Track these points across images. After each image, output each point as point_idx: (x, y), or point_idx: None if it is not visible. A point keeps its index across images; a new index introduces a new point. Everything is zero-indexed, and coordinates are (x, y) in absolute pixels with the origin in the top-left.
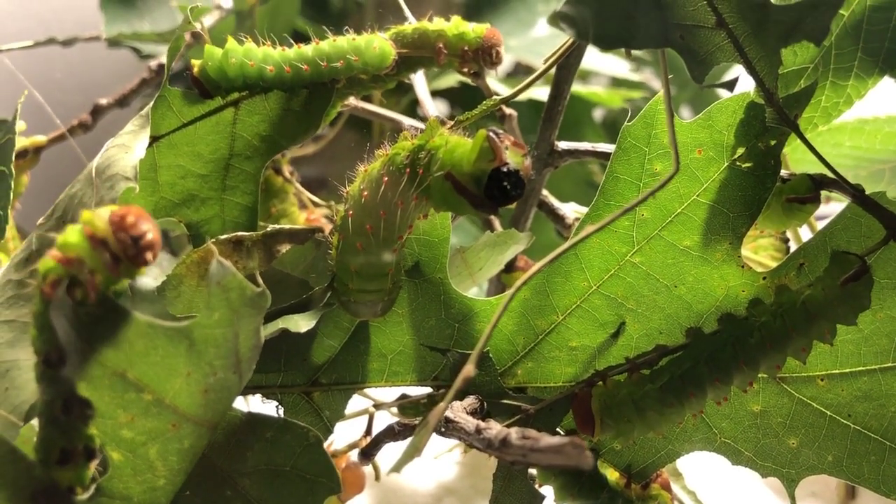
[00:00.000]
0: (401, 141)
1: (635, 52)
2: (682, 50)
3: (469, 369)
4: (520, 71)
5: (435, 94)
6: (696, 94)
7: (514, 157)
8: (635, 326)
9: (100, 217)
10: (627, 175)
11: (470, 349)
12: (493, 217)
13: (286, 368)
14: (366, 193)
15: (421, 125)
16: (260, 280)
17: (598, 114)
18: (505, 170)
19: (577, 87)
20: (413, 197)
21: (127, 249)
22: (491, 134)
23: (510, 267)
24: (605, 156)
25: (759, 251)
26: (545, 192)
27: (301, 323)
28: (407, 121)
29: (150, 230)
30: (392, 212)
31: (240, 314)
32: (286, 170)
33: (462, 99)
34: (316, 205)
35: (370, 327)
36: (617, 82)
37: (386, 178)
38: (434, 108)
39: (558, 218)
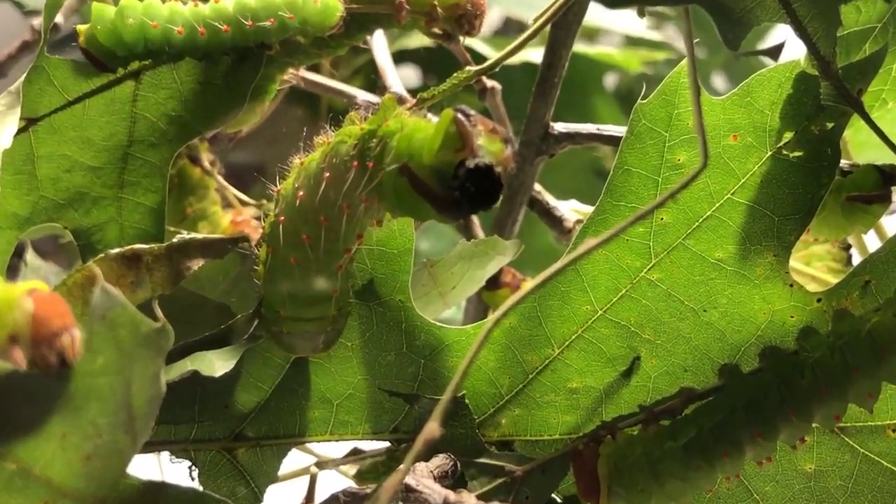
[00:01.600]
0: (347, 125)
1: (652, 8)
2: (711, 6)
3: (432, 427)
4: (511, 28)
5: (402, 56)
6: (731, 61)
7: (488, 146)
8: (653, 363)
9: (21, 314)
10: (642, 168)
11: (439, 392)
12: (471, 219)
13: (202, 418)
14: (301, 194)
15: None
16: (159, 311)
17: (610, 80)
18: (475, 164)
19: (583, 48)
20: (362, 198)
21: (46, 364)
22: (458, 115)
23: (493, 284)
24: (614, 141)
25: (813, 263)
26: (538, 186)
27: (217, 363)
28: (362, 95)
29: (69, 345)
30: (336, 217)
31: (132, 357)
32: (205, 158)
33: (439, 63)
34: (244, 203)
35: (310, 365)
36: (633, 41)
37: (327, 174)
38: (397, 78)
39: (555, 220)
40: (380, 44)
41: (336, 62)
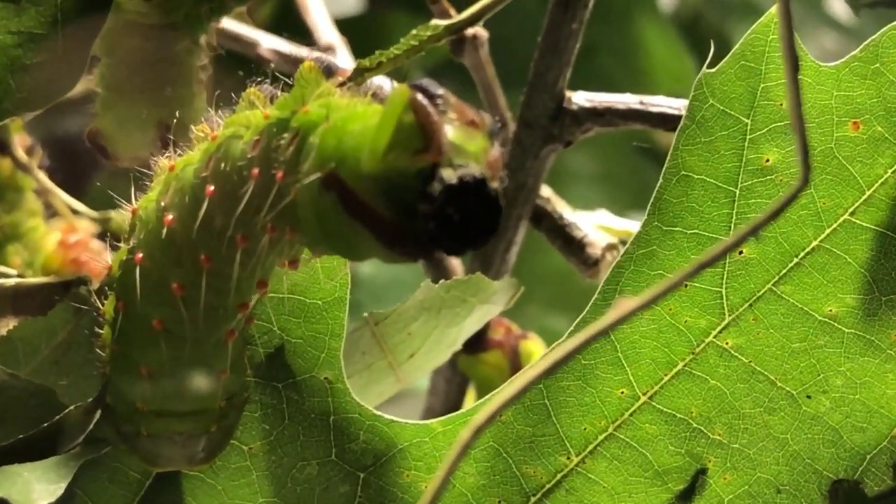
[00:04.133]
0: (242, 110)
1: None
2: None
3: None
4: None
5: None
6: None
7: (464, 145)
8: (727, 478)
9: None
10: (709, 173)
11: None
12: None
13: None
14: (170, 218)
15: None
16: None
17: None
18: (459, 177)
19: None
20: (267, 226)
21: None
22: (417, 96)
23: (477, 344)
24: (666, 121)
25: None
26: (546, 190)
27: (37, 487)
28: (273, 44)
29: None
30: (224, 256)
31: None
32: (19, 144)
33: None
34: (79, 214)
35: (185, 483)
36: None
37: (212, 188)
38: (334, 30)
39: (573, 244)
40: None
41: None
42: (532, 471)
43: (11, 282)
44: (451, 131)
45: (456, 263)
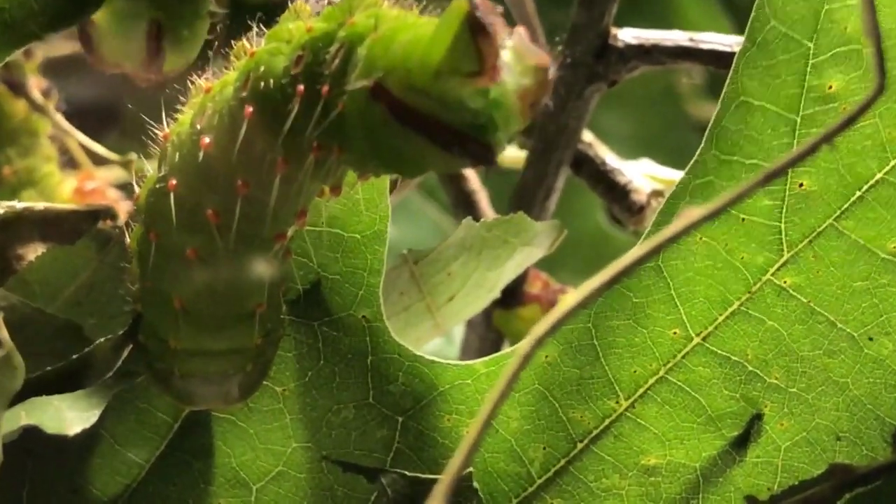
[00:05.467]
0: (283, 24)
1: None
2: None
3: None
4: None
5: None
6: None
7: (520, 68)
8: (784, 424)
9: None
10: (769, 99)
11: (429, 470)
12: (471, 185)
13: None
14: (207, 141)
15: None
16: (4, 331)
17: None
18: (500, 94)
19: None
20: (312, 145)
21: None
22: (477, 12)
23: (512, 298)
24: (716, 59)
25: None
26: (589, 135)
27: (69, 415)
28: None
29: None
30: (263, 180)
31: None
32: (34, 87)
33: None
34: (99, 161)
35: (214, 424)
36: None
37: (251, 108)
38: None
39: (616, 190)
40: None
41: None
42: (579, 415)
43: (40, 206)
44: (507, 52)
45: (487, 205)
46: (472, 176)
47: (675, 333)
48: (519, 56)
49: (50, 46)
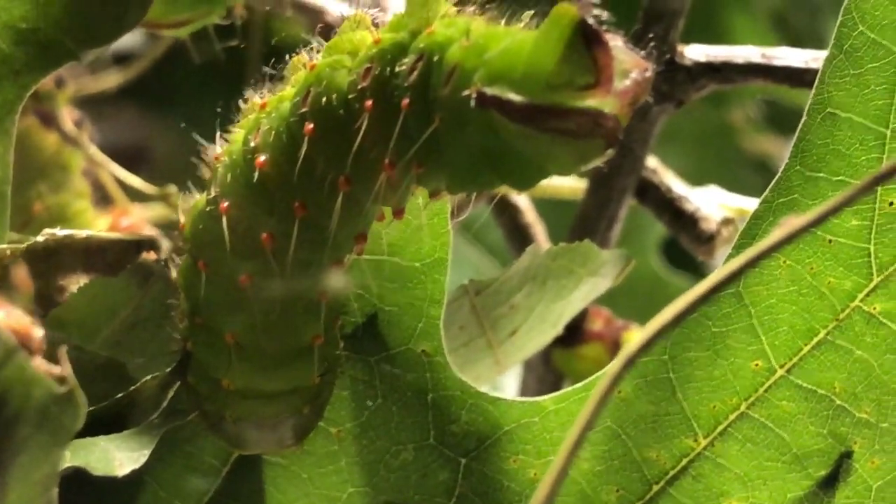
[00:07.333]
0: (343, 34)
1: None
2: None
3: None
4: None
5: None
6: None
7: (620, 71)
8: (875, 462)
9: None
10: (858, 111)
11: None
12: (526, 218)
13: None
14: (263, 160)
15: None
16: (67, 365)
17: None
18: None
19: None
20: (384, 164)
21: None
22: (588, 19)
23: (573, 336)
24: (792, 76)
25: None
26: (653, 161)
27: (119, 456)
28: (336, 6)
29: None
30: (324, 202)
31: (19, 440)
32: (67, 118)
33: None
34: (135, 197)
35: (266, 469)
36: None
37: (311, 125)
38: None
39: (685, 219)
40: None
41: None
42: (655, 455)
43: (83, 234)
44: (620, 60)
45: (543, 236)
46: (527, 208)
47: (756, 365)
48: (619, 61)
49: (77, 84)
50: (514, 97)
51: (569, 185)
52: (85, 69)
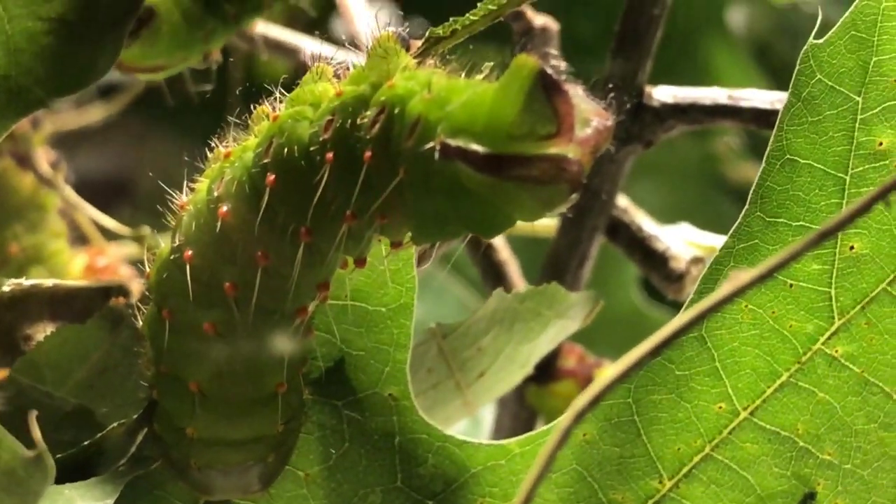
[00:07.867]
0: (305, 86)
1: None
2: None
3: None
4: None
5: None
6: None
7: (581, 120)
8: (839, 503)
9: None
10: (816, 158)
11: None
12: (501, 255)
13: None
14: (225, 210)
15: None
16: (35, 428)
17: (736, 17)
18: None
19: None
20: (345, 215)
21: None
22: (547, 70)
23: (546, 374)
24: (757, 117)
25: None
26: (624, 200)
27: None
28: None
29: None
30: (286, 251)
31: None
32: (43, 160)
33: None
34: (111, 237)
35: None
36: None
37: (273, 176)
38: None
39: (655, 258)
40: None
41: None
42: (620, 497)
43: (48, 283)
44: (577, 104)
45: (517, 276)
46: (501, 245)
47: (720, 408)
48: (580, 109)
49: (59, 119)
50: (478, 147)
51: (542, 223)
52: (70, 101)
